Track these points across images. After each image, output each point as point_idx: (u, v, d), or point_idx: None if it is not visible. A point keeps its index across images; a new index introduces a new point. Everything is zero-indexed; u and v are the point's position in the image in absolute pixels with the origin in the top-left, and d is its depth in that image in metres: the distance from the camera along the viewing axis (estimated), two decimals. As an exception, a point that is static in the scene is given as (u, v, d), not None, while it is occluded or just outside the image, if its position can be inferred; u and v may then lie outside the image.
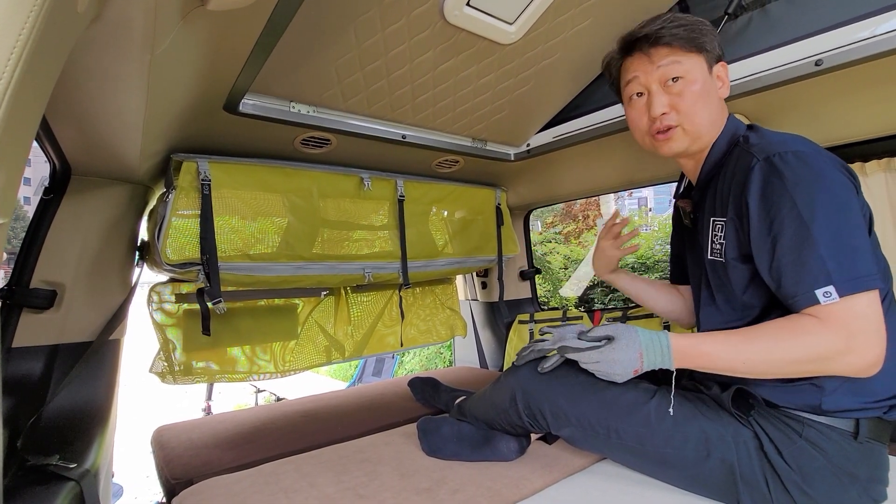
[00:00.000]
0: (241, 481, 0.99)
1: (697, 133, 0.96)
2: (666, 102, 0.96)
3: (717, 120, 0.98)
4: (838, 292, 0.74)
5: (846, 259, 0.75)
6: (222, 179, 1.27)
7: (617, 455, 0.97)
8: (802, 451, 0.82)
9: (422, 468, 1.04)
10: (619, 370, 0.87)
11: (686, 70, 0.94)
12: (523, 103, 1.47)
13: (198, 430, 1.39)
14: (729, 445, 0.86)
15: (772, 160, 0.82)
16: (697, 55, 0.95)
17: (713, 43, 0.97)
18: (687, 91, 0.94)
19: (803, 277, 0.77)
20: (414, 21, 1.05)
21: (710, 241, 0.97)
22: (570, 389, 0.95)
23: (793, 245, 0.78)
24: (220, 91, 1.01)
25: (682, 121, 0.95)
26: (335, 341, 1.81)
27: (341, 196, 1.54)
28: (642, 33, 0.97)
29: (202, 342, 1.51)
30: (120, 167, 1.12)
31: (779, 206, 0.80)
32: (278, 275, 1.38)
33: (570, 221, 6.73)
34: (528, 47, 1.22)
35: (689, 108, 0.94)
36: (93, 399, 1.19)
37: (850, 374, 0.77)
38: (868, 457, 0.82)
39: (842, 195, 0.78)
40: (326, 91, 1.19)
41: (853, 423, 0.82)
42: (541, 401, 0.96)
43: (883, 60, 0.96)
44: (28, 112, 0.38)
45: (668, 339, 0.86)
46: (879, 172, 1.19)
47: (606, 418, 0.92)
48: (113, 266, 1.26)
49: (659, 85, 0.97)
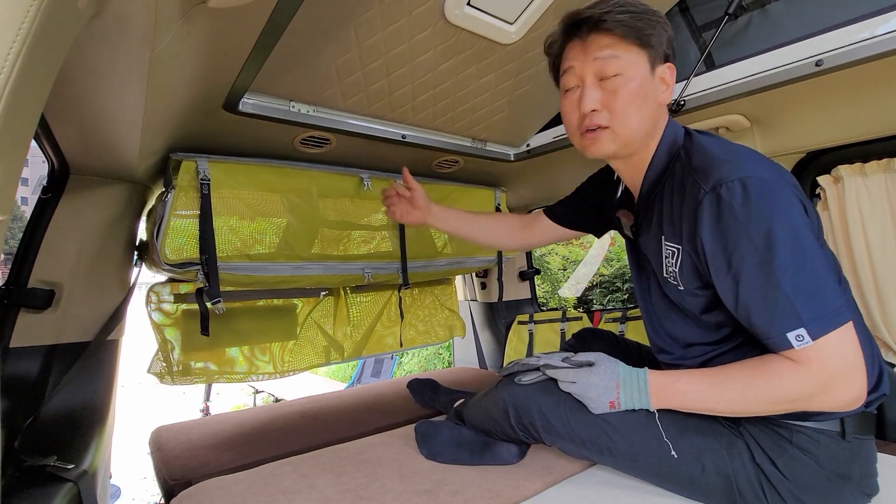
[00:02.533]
0: (240, 482, 0.98)
1: (627, 138, 0.88)
2: (598, 99, 0.86)
3: (653, 126, 0.90)
4: (810, 335, 0.71)
5: (812, 296, 0.72)
6: (221, 179, 1.26)
7: (613, 466, 0.97)
8: (795, 459, 0.81)
9: (422, 470, 1.03)
10: (594, 395, 0.88)
11: (624, 66, 0.85)
12: (523, 103, 1.47)
13: (196, 431, 1.38)
14: (723, 457, 0.85)
15: (720, 193, 0.76)
16: (640, 50, 0.85)
17: (661, 39, 0.86)
18: (622, 89, 0.85)
19: (773, 320, 0.74)
20: (414, 20, 1.04)
21: (662, 262, 0.92)
22: (559, 406, 0.93)
23: (756, 285, 0.75)
24: (219, 90, 1.01)
25: (613, 122, 0.87)
26: (334, 342, 1.81)
27: (341, 196, 1.53)
28: (585, 15, 0.86)
29: (201, 342, 1.51)
30: (118, 166, 1.11)
31: (735, 244, 0.76)
32: (277, 275, 1.38)
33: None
34: (529, 47, 1.22)
35: (622, 109, 0.86)
36: (91, 400, 1.18)
37: (831, 409, 0.76)
38: (857, 454, 0.81)
39: (795, 223, 0.75)
40: (326, 90, 1.19)
41: (839, 424, 0.82)
42: (532, 416, 0.95)
43: (883, 61, 0.96)
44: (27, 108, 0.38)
45: (645, 374, 0.87)
46: (879, 173, 1.19)
47: (598, 436, 0.91)
48: (111, 266, 1.26)
49: (594, 78, 0.87)
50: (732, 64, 1.19)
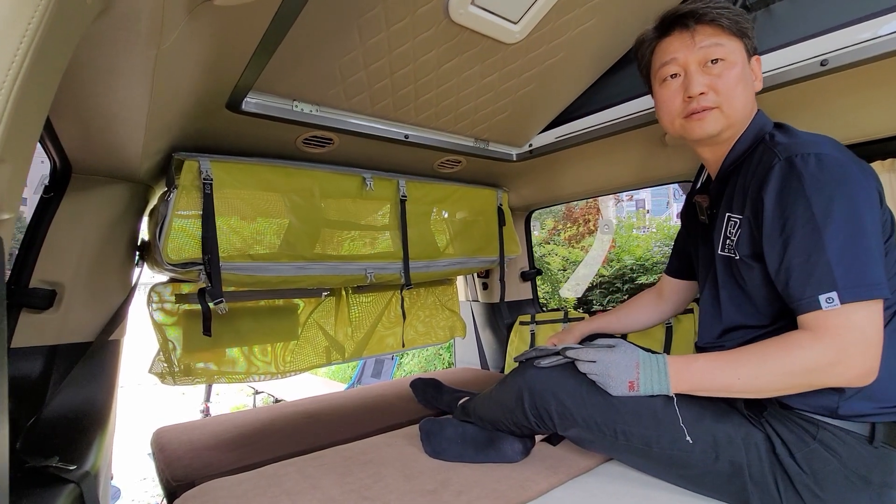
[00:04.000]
0: (243, 483, 0.98)
1: (734, 117, 0.94)
2: (705, 83, 0.93)
3: (752, 111, 0.97)
4: (840, 299, 0.74)
5: (854, 266, 0.75)
6: (224, 179, 1.26)
7: (624, 456, 0.97)
8: (816, 454, 0.81)
9: (426, 470, 1.03)
10: (615, 373, 0.89)
11: (728, 52, 0.93)
12: (526, 103, 1.46)
13: (198, 432, 1.37)
14: (738, 447, 0.86)
15: (793, 160, 0.82)
16: (739, 40, 0.94)
17: (752, 32, 0.97)
18: (727, 73, 0.92)
19: (810, 281, 0.77)
20: (418, 19, 1.04)
21: (722, 237, 0.96)
22: (576, 390, 0.94)
23: (803, 248, 0.78)
24: (223, 89, 1.00)
25: (721, 102, 0.93)
26: (335, 342, 1.80)
27: (343, 196, 1.53)
28: (687, 9, 0.95)
29: (202, 343, 1.50)
30: (121, 166, 1.11)
31: (794, 208, 0.80)
32: (280, 275, 1.37)
33: (571, 225, 6.75)
34: (533, 47, 1.22)
35: (729, 90, 0.92)
36: (92, 400, 1.18)
37: (841, 384, 0.77)
38: (882, 461, 0.81)
39: (860, 202, 0.78)
40: (329, 90, 1.19)
41: (869, 428, 0.81)
42: (548, 401, 0.96)
43: (887, 61, 0.96)
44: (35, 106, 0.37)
45: (664, 358, 0.89)
46: (884, 173, 1.19)
47: (613, 420, 0.92)
48: (113, 266, 1.25)
49: (698, 66, 0.94)
50: (737, 63, 1.19)
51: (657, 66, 1.01)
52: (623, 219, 7.39)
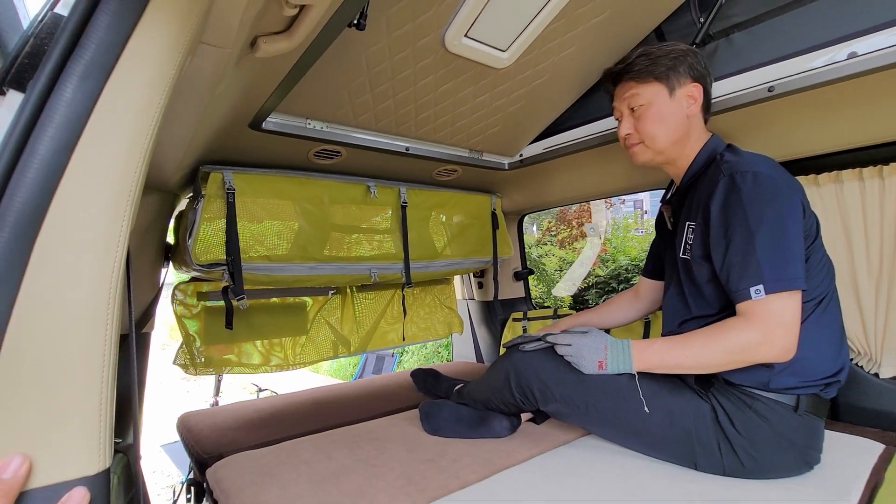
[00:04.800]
0: (266, 455, 1.12)
1: (658, 148, 1.16)
2: (629, 125, 1.18)
3: (682, 134, 1.15)
4: (766, 290, 0.91)
5: (778, 264, 0.91)
6: (245, 188, 1.41)
7: (596, 427, 1.12)
8: (751, 421, 0.97)
9: (425, 444, 1.17)
10: (586, 354, 1.06)
11: (644, 99, 1.14)
12: (516, 119, 1.61)
13: (220, 416, 1.52)
14: (689, 416, 1.01)
15: (734, 177, 0.99)
16: (658, 84, 1.13)
17: (677, 69, 1.13)
18: (644, 115, 1.15)
19: (743, 276, 0.94)
20: (418, 50, 1.19)
21: (683, 242, 1.13)
22: (555, 370, 1.10)
23: (740, 249, 0.95)
24: (249, 112, 1.15)
25: (643, 138, 1.16)
26: (341, 337, 1.95)
27: (350, 202, 1.68)
28: (613, 70, 1.21)
29: (220, 336, 1.65)
30: (155, 179, 1.25)
31: (733, 217, 0.97)
32: (294, 274, 1.52)
33: (565, 227, 6.90)
34: (520, 70, 1.37)
35: (646, 129, 1.15)
36: (129, 385, 1.32)
37: (768, 359, 0.93)
38: (805, 427, 0.97)
39: (785, 213, 0.94)
40: (339, 110, 1.33)
41: (794, 399, 0.97)
42: (530, 380, 1.11)
43: (824, 89, 1.11)
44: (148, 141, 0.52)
45: (628, 342, 1.06)
46: (830, 184, 1.34)
47: (585, 395, 1.07)
48: (146, 267, 1.40)
49: (627, 111, 1.19)
50: (701, 86, 1.34)
51: (612, 108, 1.27)
52: (619, 220, 7.54)
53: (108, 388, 0.45)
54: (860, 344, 1.34)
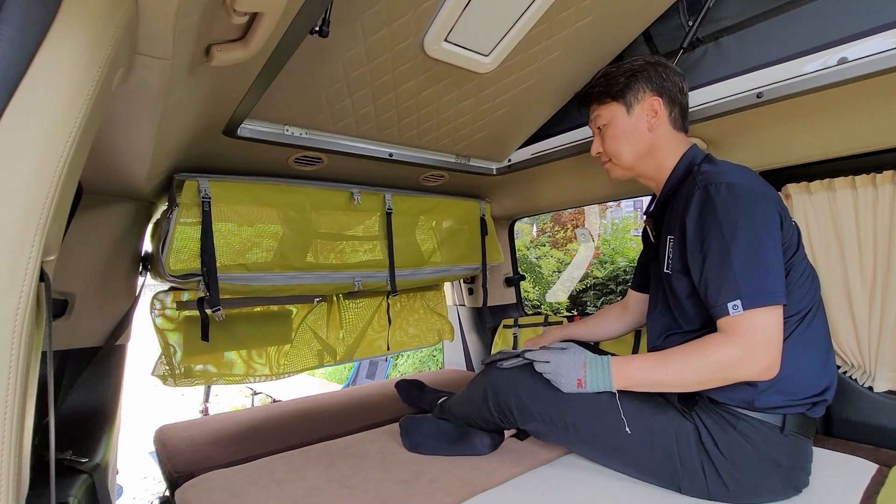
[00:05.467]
0: (238, 474, 1.09)
1: (625, 165, 1.18)
2: (598, 144, 1.22)
3: (648, 148, 1.14)
4: (743, 305, 0.87)
5: (754, 278, 0.87)
6: (221, 196, 1.37)
7: (575, 446, 1.08)
8: (734, 442, 0.93)
9: (403, 462, 1.14)
10: (565, 371, 1.01)
11: (606, 118, 1.17)
12: (502, 124, 1.57)
13: (198, 429, 1.48)
14: (671, 437, 0.97)
15: (709, 188, 0.95)
16: (615, 103, 1.16)
17: (634, 86, 1.14)
18: (607, 134, 1.18)
19: (720, 291, 0.90)
20: (397, 55, 1.15)
21: (665, 256, 1.10)
22: (533, 387, 1.06)
23: (716, 263, 0.91)
24: (220, 119, 1.12)
25: (611, 157, 1.19)
26: (327, 345, 1.91)
27: (332, 209, 1.64)
28: (579, 95, 1.28)
29: (201, 346, 1.61)
30: (128, 187, 1.22)
31: (709, 229, 0.93)
32: (273, 284, 1.48)
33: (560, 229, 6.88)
34: (504, 75, 1.33)
35: (610, 148, 1.18)
36: (101, 400, 1.29)
37: (750, 377, 0.89)
38: (792, 448, 0.93)
39: (762, 223, 0.91)
40: (317, 116, 1.30)
41: (780, 419, 0.93)
42: (508, 398, 1.08)
43: (812, 96, 1.07)
44: (76, 171, 0.48)
45: (608, 359, 1.02)
46: (822, 192, 1.30)
47: (564, 413, 1.03)
48: (120, 276, 1.36)
49: (596, 130, 1.22)
50: (691, 91, 1.30)
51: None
52: (617, 222, 7.51)
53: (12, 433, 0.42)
54: (853, 356, 1.30)
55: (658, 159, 1.14)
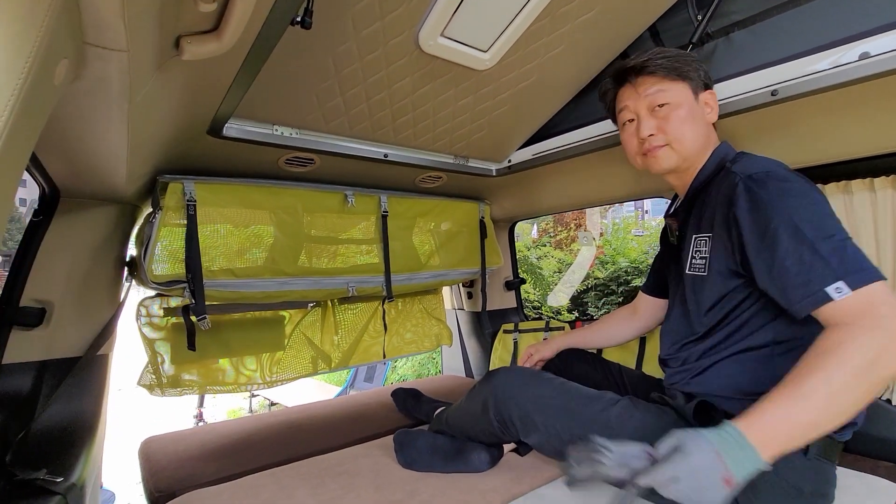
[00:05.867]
0: (222, 494, 1.03)
1: (685, 152, 1.04)
2: (653, 125, 1.05)
3: (705, 142, 1.06)
4: (850, 285, 0.73)
5: (847, 256, 0.76)
6: (208, 199, 1.31)
7: None
8: None
9: (397, 480, 1.08)
10: (705, 479, 0.70)
11: (671, 96, 1.03)
12: (502, 123, 1.51)
13: (184, 442, 1.42)
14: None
15: (753, 177, 0.89)
16: (682, 83, 1.04)
17: (698, 72, 1.05)
18: (672, 115, 1.03)
19: (811, 279, 0.77)
20: (390, 51, 1.09)
21: (689, 257, 1.03)
22: (539, 397, 0.99)
23: (791, 249, 0.80)
24: (203, 118, 1.06)
25: (670, 140, 1.04)
26: (322, 352, 1.85)
27: (326, 212, 1.58)
28: (629, 65, 1.07)
29: (190, 354, 1.55)
30: (107, 189, 1.16)
31: (769, 216, 0.83)
32: (263, 290, 1.42)
33: (562, 229, 6.82)
34: (504, 72, 1.27)
35: (675, 130, 1.03)
36: (81, 413, 1.23)
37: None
38: (816, 473, 0.86)
39: (824, 206, 0.84)
40: (308, 115, 1.24)
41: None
42: (510, 408, 1.01)
43: (836, 92, 1.01)
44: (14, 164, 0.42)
45: (733, 429, 0.73)
46: (838, 195, 1.24)
47: (571, 426, 0.96)
48: (102, 283, 1.30)
49: (647, 111, 1.06)
50: (698, 89, 1.24)
51: (617, 112, 1.14)
52: (619, 222, 7.45)
53: None
54: (871, 367, 1.24)
55: (702, 154, 1.07)
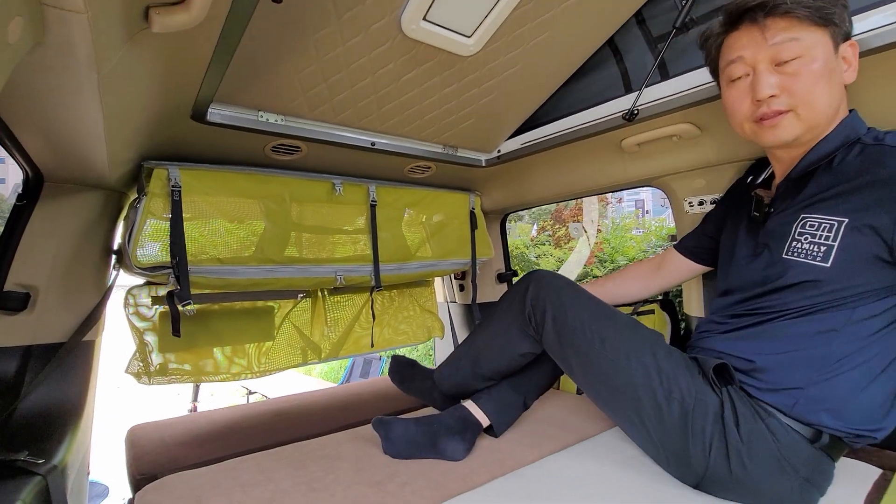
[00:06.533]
0: (202, 476, 1.03)
1: (813, 120, 0.84)
2: (775, 83, 0.83)
3: (838, 108, 0.85)
4: None
5: None
6: (193, 185, 1.31)
7: (587, 372, 0.98)
8: (758, 433, 0.84)
9: (378, 464, 1.08)
10: None
11: (805, 48, 0.80)
12: (490, 112, 1.51)
13: (170, 429, 1.43)
14: (691, 396, 0.88)
15: None
16: (823, 30, 0.81)
17: (843, 16, 0.82)
18: (804, 71, 0.81)
19: None
20: (373, 35, 1.09)
21: (790, 239, 0.87)
22: (578, 297, 0.99)
23: None
24: (184, 101, 1.06)
25: (797, 104, 0.83)
26: (311, 343, 1.85)
27: (313, 201, 1.58)
28: (757, 1, 0.83)
29: (178, 343, 1.55)
30: (91, 174, 1.16)
31: None
32: (249, 278, 1.42)
33: (561, 226, 6.81)
34: (489, 58, 1.27)
35: (805, 91, 0.81)
36: (65, 398, 1.23)
37: None
38: (815, 461, 0.83)
39: None
40: (292, 101, 1.24)
41: (812, 432, 0.83)
42: (549, 294, 1.01)
43: None
44: None
45: None
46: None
47: (601, 327, 0.94)
48: (87, 269, 1.30)
49: (768, 64, 0.84)
50: (683, 75, 1.24)
51: (724, 65, 0.92)
52: (618, 221, 7.44)
53: None
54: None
55: (828, 124, 0.86)
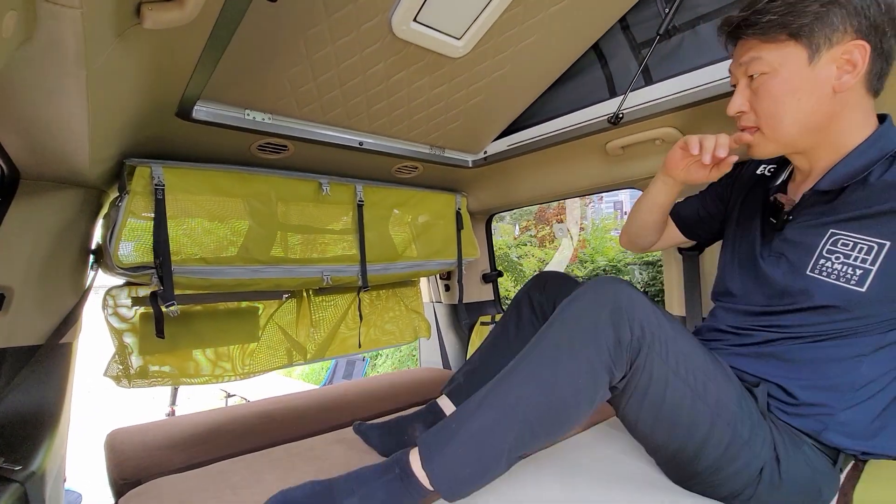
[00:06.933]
0: (189, 480, 1.01)
1: (783, 138, 0.82)
2: (741, 103, 0.84)
3: (826, 118, 0.80)
4: None
5: None
6: (177, 184, 1.28)
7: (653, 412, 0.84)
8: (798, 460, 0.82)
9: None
10: None
11: (770, 64, 0.79)
12: (477, 113, 1.53)
13: (152, 433, 1.39)
14: (745, 421, 0.82)
15: None
16: (792, 43, 0.77)
17: (828, 21, 0.75)
18: (763, 88, 0.80)
19: None
20: (363, 35, 1.09)
21: (816, 255, 0.82)
22: (677, 324, 0.85)
23: None
24: (170, 99, 1.04)
25: (760, 122, 0.82)
26: (297, 343, 1.83)
27: (300, 200, 1.57)
28: (732, 21, 0.83)
29: (159, 345, 1.52)
30: (70, 172, 1.13)
31: None
32: (234, 278, 1.40)
33: (544, 226, 6.89)
34: (478, 60, 1.28)
35: (766, 109, 0.80)
36: (41, 402, 1.19)
37: None
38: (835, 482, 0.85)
39: None
40: (280, 100, 1.23)
41: (833, 452, 0.84)
42: (649, 315, 0.80)
43: None
44: None
45: None
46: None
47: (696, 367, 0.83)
48: (65, 270, 1.26)
49: (744, 78, 0.84)
50: (666, 80, 1.28)
51: None
52: (597, 222, 7.57)
53: None
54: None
55: (835, 135, 0.81)
